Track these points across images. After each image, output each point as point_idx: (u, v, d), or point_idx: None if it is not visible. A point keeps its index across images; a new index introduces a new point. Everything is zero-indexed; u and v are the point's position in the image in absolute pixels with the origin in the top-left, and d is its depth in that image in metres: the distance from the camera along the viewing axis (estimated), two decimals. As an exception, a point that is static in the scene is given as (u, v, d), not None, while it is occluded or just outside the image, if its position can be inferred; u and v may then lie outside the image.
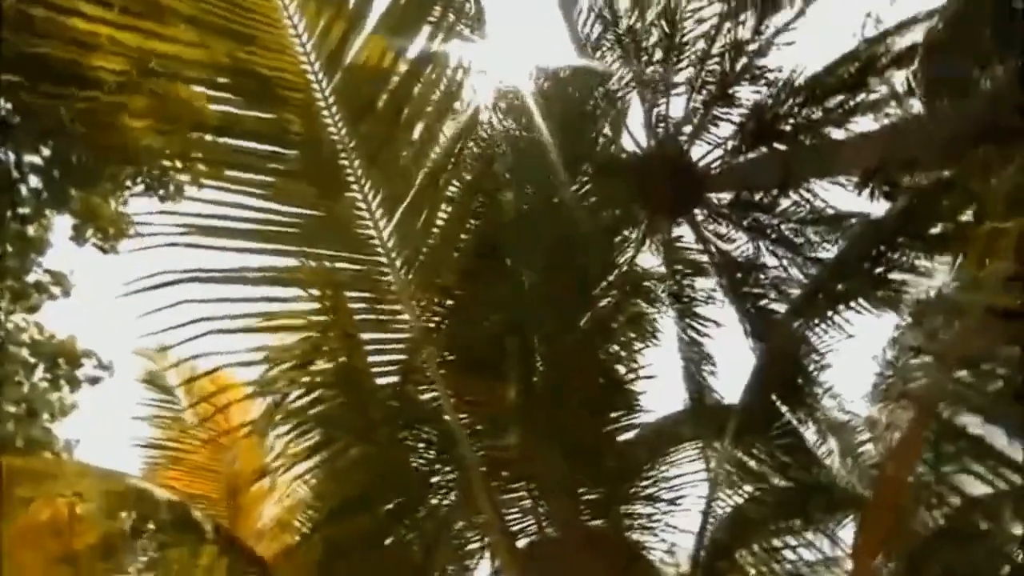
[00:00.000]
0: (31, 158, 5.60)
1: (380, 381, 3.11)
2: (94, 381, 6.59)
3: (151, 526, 3.53)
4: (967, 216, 4.31)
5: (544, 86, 6.20)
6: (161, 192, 5.56)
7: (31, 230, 6.60)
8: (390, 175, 2.55)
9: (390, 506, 3.24)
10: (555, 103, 5.79)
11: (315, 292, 2.93)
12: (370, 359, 3.08)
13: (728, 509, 3.42)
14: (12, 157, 5.58)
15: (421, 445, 3.27)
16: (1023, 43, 4.51)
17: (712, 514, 3.32)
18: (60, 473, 3.72)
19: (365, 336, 3.06)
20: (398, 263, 2.71)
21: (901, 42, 6.03)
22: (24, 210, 6.14)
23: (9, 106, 5.28)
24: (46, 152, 5.53)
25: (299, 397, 3.09)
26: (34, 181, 5.92)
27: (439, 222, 2.73)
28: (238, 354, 2.84)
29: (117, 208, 6.30)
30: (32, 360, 6.39)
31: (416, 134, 2.52)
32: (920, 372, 3.01)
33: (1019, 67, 4.51)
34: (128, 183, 6.04)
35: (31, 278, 6.91)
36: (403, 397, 3.17)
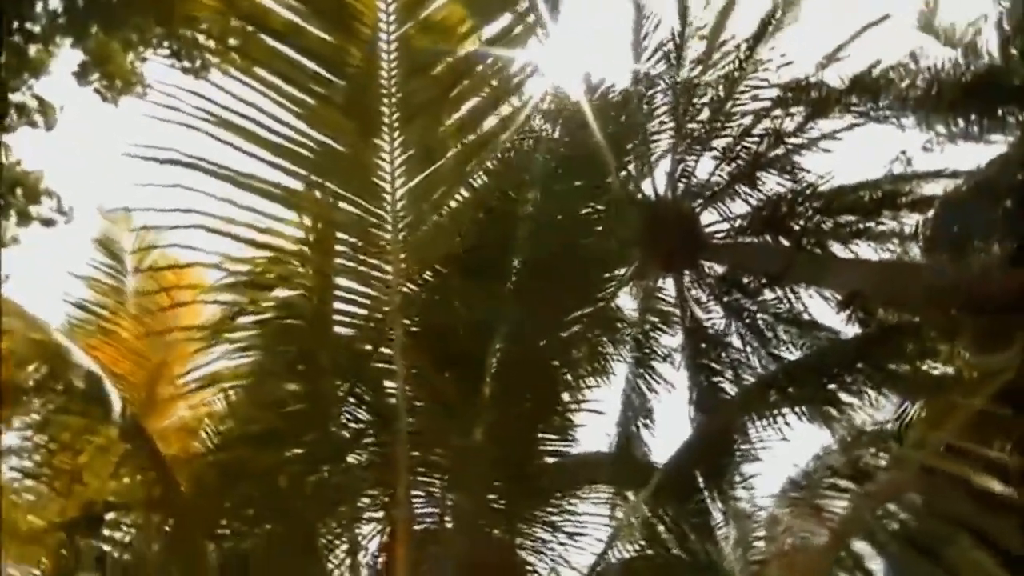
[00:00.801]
0: (60, -26, 5.30)
1: (337, 329, 3.08)
2: (47, 223, 6.29)
3: (59, 387, 3.41)
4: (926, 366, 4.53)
5: (592, 100, 6.25)
6: (185, 64, 5.33)
7: (33, 50, 6.25)
8: (423, 140, 2.53)
9: (302, 451, 3.22)
10: (596, 121, 5.83)
11: (308, 222, 2.89)
12: (335, 304, 3.05)
13: (620, 558, 3.50)
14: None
15: (355, 403, 3.26)
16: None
17: (604, 559, 3.39)
18: (-14, 301, 3.55)
19: (338, 281, 3.02)
20: (400, 224, 2.68)
21: (923, 190, 6.27)
22: (33, 27, 5.81)
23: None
24: (77, -26, 5.25)
25: (252, 316, 3.04)
26: (55, 2, 5.61)
27: (452, 202, 2.71)
28: (207, 254, 2.78)
29: (133, 61, 6.03)
30: (-12, 180, 6.06)
31: (462, 111, 2.49)
32: (841, 498, 3.16)
33: (1016, 250, 4.75)
34: (154, 41, 5.78)
35: (16, 97, 6.54)
36: (354, 352, 3.15)
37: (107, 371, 4.08)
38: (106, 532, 3.58)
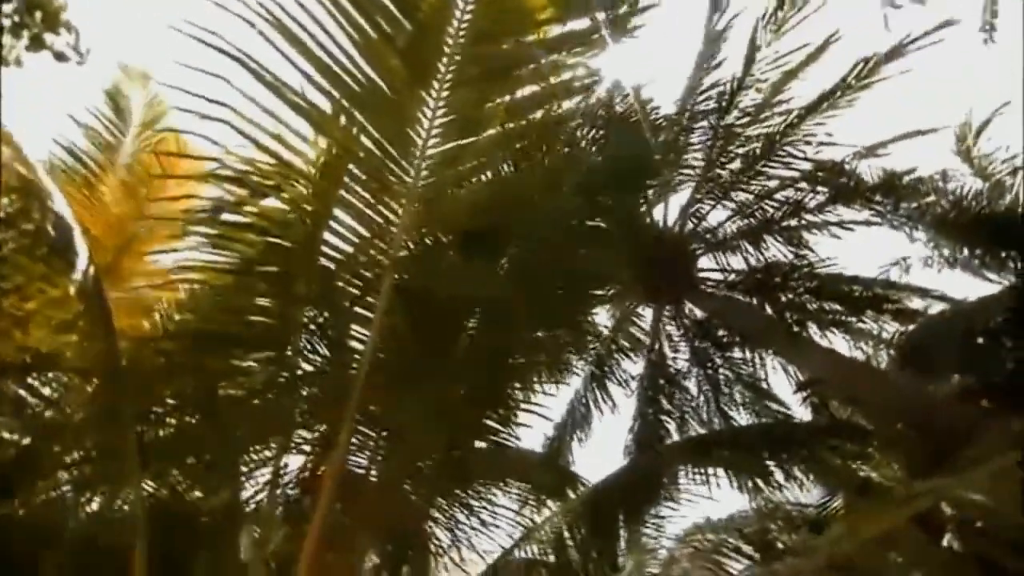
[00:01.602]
0: None
1: (321, 260, 3.05)
2: (60, 57, 6.03)
3: (27, 225, 3.30)
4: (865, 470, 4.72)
5: (636, 117, 6.22)
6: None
7: None
8: (466, 109, 2.49)
9: (253, 366, 3.20)
10: (632, 139, 5.82)
11: (326, 145, 2.83)
12: (326, 235, 3.01)
13: (523, 557, 3.60)
14: None
15: (319, 336, 3.24)
16: (989, 368, 4.93)
17: (508, 556, 3.47)
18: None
19: (337, 212, 2.98)
20: (420, 183, 2.65)
21: (911, 303, 6.43)
22: None
23: None
24: None
25: (240, 218, 2.99)
26: None
27: (474, 179, 2.69)
28: (214, 145, 2.72)
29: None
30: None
31: (513, 96, 2.46)
32: (740, 561, 3.29)
33: (972, 387, 4.93)
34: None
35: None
36: (333, 287, 3.13)
37: (80, 226, 3.98)
38: (34, 383, 3.52)
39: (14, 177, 3.15)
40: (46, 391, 3.46)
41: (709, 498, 4.31)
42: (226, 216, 3.00)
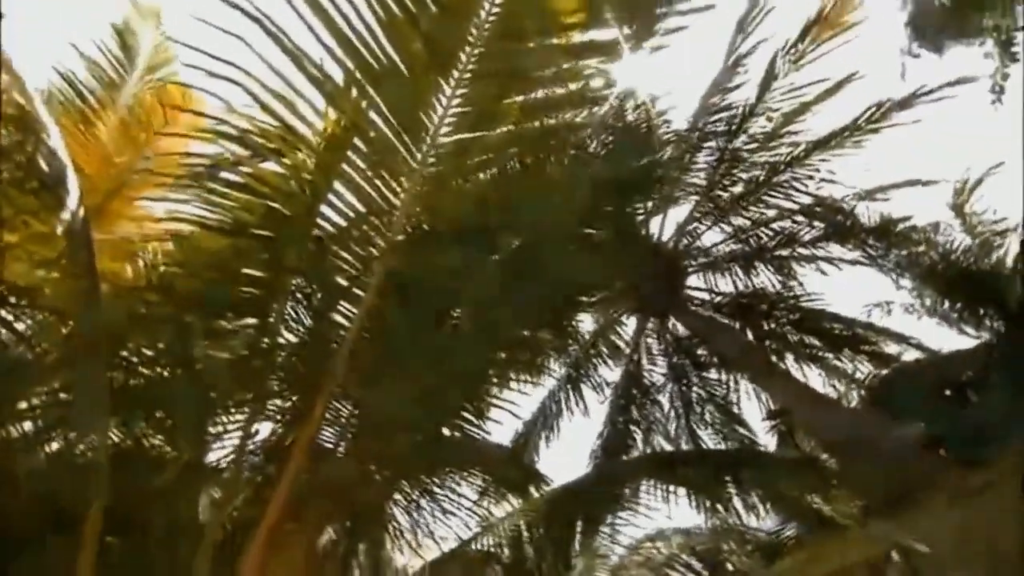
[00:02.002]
0: None
1: (314, 230, 3.02)
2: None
3: (21, 158, 3.23)
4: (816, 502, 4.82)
5: (645, 127, 6.23)
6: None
7: None
8: (483, 103, 2.48)
9: (232, 328, 3.17)
10: (638, 149, 5.82)
11: (335, 117, 2.81)
12: (324, 209, 2.99)
13: (479, 549, 3.63)
14: None
15: (304, 306, 3.22)
16: (953, 421, 5.05)
17: (465, 547, 3.50)
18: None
19: (336, 185, 2.96)
20: (426, 166, 2.64)
21: (888, 347, 6.56)
22: None
23: None
24: None
25: (237, 178, 2.96)
26: None
27: (479, 173, 2.68)
28: (218, 100, 2.68)
29: None
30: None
31: (531, 96, 2.45)
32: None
33: (936, 436, 5.06)
34: None
35: None
36: (324, 259, 3.11)
37: (73, 163, 3.89)
38: (7, 317, 3.46)
39: (11, 106, 3.08)
40: (19, 326, 3.40)
41: (668, 516, 4.37)
42: (224, 174, 2.96)
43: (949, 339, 6.48)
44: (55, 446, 3.19)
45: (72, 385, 3.20)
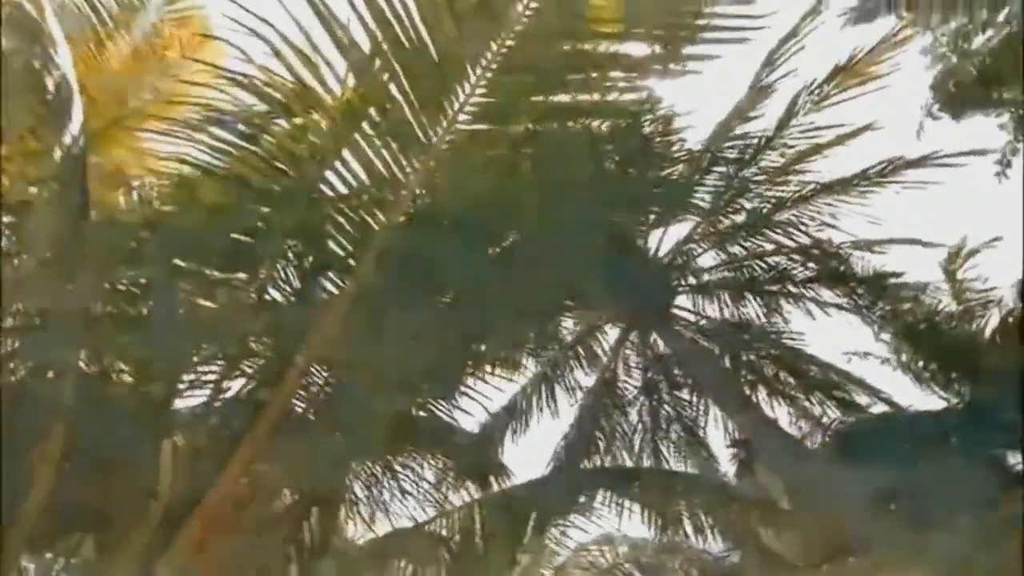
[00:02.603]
0: None
1: (323, 187, 3.00)
2: None
3: (28, 76, 3.15)
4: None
5: (659, 140, 6.22)
6: None
7: None
8: (506, 96, 2.46)
9: (219, 278, 3.14)
10: (649, 162, 5.81)
11: (355, 80, 2.77)
12: (326, 169, 2.96)
13: (431, 531, 3.67)
14: None
15: (294, 267, 3.20)
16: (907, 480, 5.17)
17: (419, 528, 3.53)
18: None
19: (345, 152, 2.93)
20: (439, 149, 2.62)
21: (859, 397, 6.68)
22: None
23: None
24: None
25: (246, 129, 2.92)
26: None
27: (491, 165, 2.67)
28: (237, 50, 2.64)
29: None
30: None
31: (556, 99, 2.44)
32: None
33: (888, 491, 5.17)
34: None
35: None
36: (323, 225, 3.08)
37: (79, 83, 3.80)
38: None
39: (23, 16, 2.99)
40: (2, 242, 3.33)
41: (617, 529, 4.44)
42: (232, 123, 2.92)
43: (918, 398, 6.61)
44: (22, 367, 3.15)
45: (48, 307, 3.16)
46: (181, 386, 2.92)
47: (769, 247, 6.70)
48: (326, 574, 3.37)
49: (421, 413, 3.87)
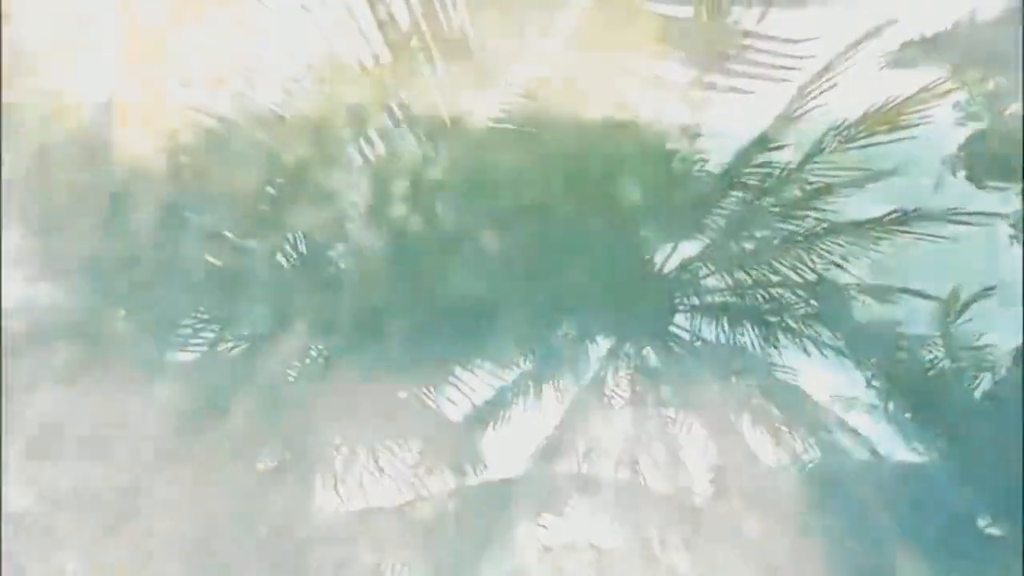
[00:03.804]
0: None
1: (349, 150, 3.02)
2: None
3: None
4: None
5: (681, 159, 6.22)
6: None
7: None
8: (540, 94, 2.46)
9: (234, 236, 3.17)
10: (669, 183, 5.82)
11: (388, 61, 2.79)
12: (350, 149, 2.98)
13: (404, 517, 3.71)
14: None
15: (305, 236, 3.23)
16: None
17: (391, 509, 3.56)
18: None
19: (370, 132, 2.94)
20: (463, 139, 2.62)
21: (844, 443, 6.69)
22: None
23: None
24: None
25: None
26: None
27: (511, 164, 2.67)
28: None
29: None
30: None
31: (586, 116, 2.44)
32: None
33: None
34: None
35: None
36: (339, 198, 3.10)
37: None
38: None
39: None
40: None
41: (589, 539, 4.48)
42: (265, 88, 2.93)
43: (902, 450, 6.64)
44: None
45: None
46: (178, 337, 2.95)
47: (775, 279, 6.70)
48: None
49: (406, 395, 3.90)
